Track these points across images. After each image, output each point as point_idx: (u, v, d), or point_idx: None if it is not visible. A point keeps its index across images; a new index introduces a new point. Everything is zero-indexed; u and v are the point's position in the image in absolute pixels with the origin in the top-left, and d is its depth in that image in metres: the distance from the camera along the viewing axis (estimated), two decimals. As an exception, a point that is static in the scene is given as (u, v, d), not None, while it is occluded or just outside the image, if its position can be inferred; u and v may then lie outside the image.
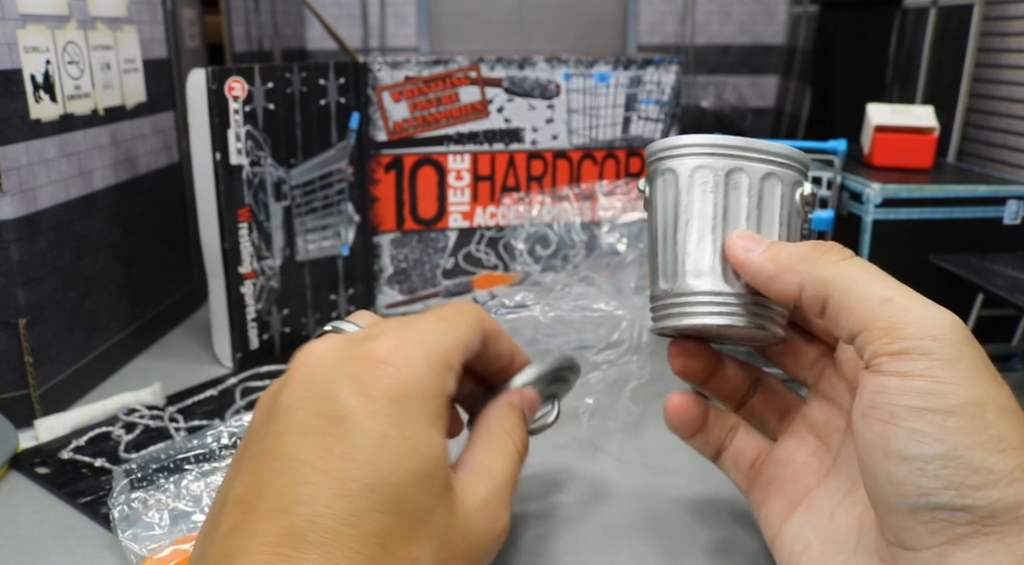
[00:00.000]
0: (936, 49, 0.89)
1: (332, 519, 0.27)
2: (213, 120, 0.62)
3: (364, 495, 0.28)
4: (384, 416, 0.30)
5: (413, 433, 0.30)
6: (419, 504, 0.29)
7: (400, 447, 0.29)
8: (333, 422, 0.29)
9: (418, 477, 0.29)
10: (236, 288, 0.66)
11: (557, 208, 0.77)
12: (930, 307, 0.31)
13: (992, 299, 0.58)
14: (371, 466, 0.28)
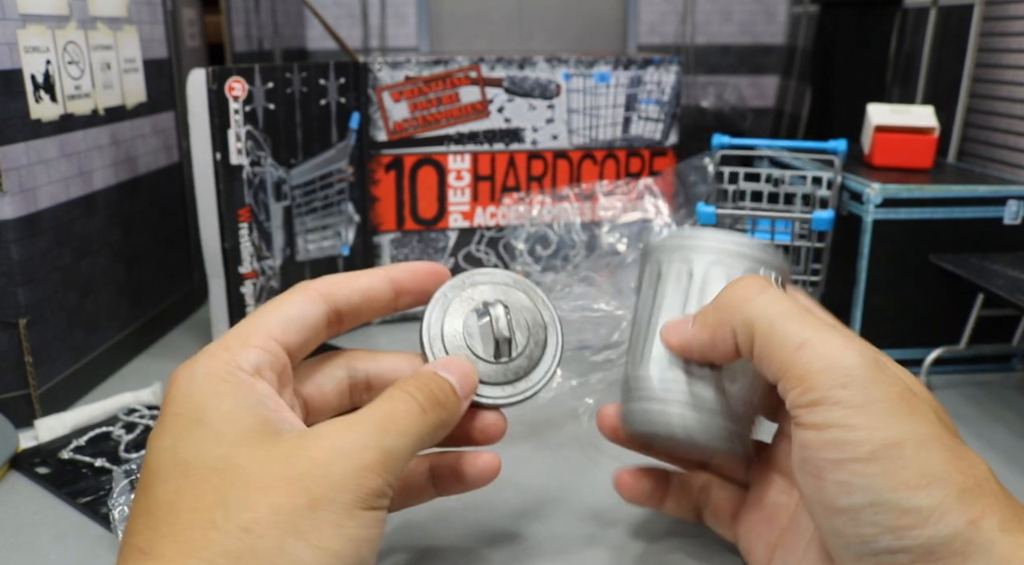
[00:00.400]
0: (936, 49, 0.89)
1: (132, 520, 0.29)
2: (213, 120, 0.62)
3: (149, 484, 0.29)
4: (164, 418, 0.31)
5: (190, 411, 0.30)
6: (206, 457, 0.29)
7: (176, 426, 0.30)
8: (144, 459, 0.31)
9: (198, 438, 0.29)
10: (236, 288, 0.66)
11: (557, 208, 0.77)
12: (842, 349, 0.31)
13: (992, 299, 0.58)
14: (152, 456, 0.30)
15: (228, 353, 0.32)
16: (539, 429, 0.56)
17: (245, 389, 0.31)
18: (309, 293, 0.36)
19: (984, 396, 0.62)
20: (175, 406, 0.31)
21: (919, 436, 0.29)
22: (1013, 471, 0.52)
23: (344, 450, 0.30)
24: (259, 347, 0.33)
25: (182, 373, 0.32)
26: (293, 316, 0.35)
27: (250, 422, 0.30)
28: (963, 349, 0.63)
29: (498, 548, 0.44)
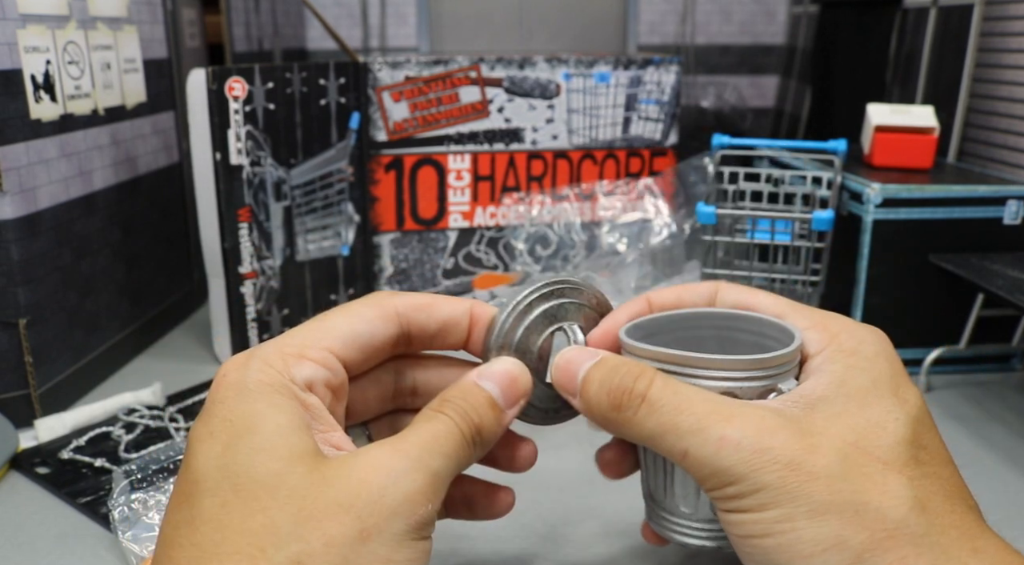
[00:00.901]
0: (936, 49, 0.89)
1: (172, 527, 0.28)
2: (213, 120, 0.62)
3: (194, 492, 0.28)
4: (212, 419, 0.30)
5: (242, 419, 0.29)
6: (257, 473, 0.28)
7: (226, 434, 0.29)
8: (184, 458, 0.30)
9: (250, 450, 0.28)
10: (236, 288, 0.66)
11: (557, 208, 0.77)
12: (715, 451, 0.30)
13: (992, 299, 0.58)
14: (198, 462, 0.29)
15: (283, 363, 0.31)
16: (539, 429, 0.56)
17: (296, 404, 0.30)
18: (386, 310, 0.34)
19: (984, 396, 0.62)
20: (226, 410, 0.30)
21: (812, 506, 0.29)
22: (1013, 471, 0.52)
23: (396, 473, 0.28)
24: (317, 361, 0.32)
25: (233, 374, 0.31)
26: (361, 332, 0.33)
27: (303, 441, 0.29)
28: (963, 349, 0.63)
29: (499, 549, 0.44)
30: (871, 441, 0.30)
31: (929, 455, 0.30)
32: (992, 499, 0.49)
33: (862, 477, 0.29)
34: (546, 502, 0.48)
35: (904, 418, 0.30)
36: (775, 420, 0.30)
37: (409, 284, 0.76)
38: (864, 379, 0.31)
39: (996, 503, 0.48)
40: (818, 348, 0.33)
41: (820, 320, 0.34)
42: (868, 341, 0.33)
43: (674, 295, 0.37)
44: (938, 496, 0.29)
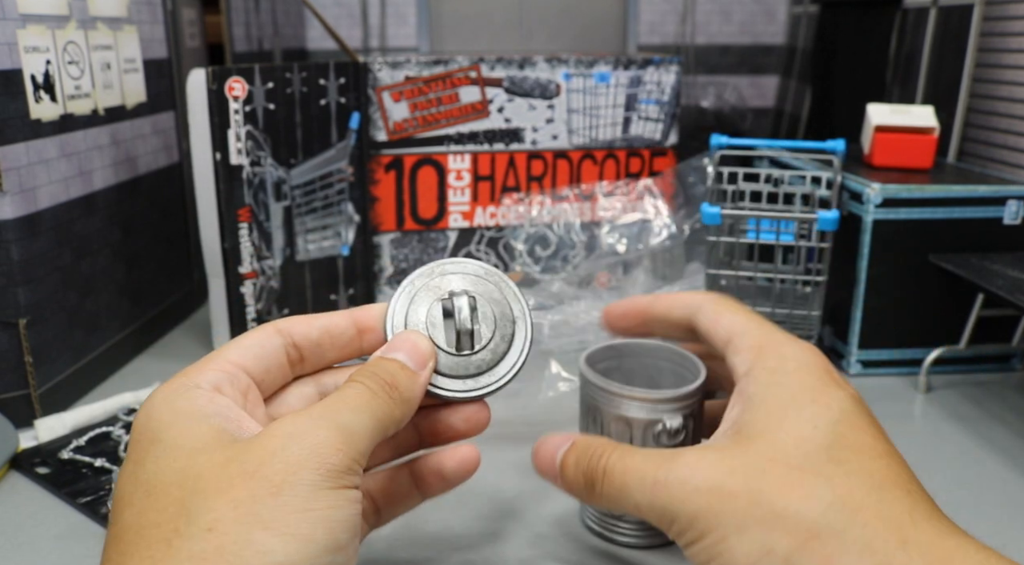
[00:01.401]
0: (936, 49, 0.89)
1: (103, 551, 0.29)
2: (213, 120, 0.62)
3: (115, 511, 0.29)
4: (130, 448, 0.31)
5: (146, 434, 0.31)
6: (165, 473, 0.29)
7: (136, 451, 0.30)
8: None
9: (156, 457, 0.29)
10: (236, 288, 0.66)
11: (557, 208, 0.77)
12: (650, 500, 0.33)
13: (992, 299, 0.58)
14: (117, 486, 0.30)
15: (185, 377, 0.33)
16: (540, 431, 0.56)
17: (202, 402, 0.31)
18: (266, 328, 0.36)
19: (984, 396, 0.62)
20: (136, 433, 0.31)
21: (737, 523, 0.30)
22: (1013, 471, 0.52)
23: (296, 433, 0.29)
24: (216, 369, 0.33)
25: (144, 404, 0.32)
26: (249, 344, 0.35)
27: (206, 432, 0.30)
28: (963, 349, 0.63)
29: (499, 549, 0.44)
30: (790, 451, 0.31)
31: (854, 453, 0.31)
32: (992, 499, 0.49)
33: (780, 486, 0.30)
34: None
35: (824, 424, 0.32)
36: (700, 455, 0.32)
37: (409, 284, 0.76)
38: (783, 394, 0.33)
39: (996, 503, 0.49)
40: (745, 369, 0.35)
41: (757, 341, 0.36)
42: (790, 356, 0.34)
43: (667, 304, 0.41)
44: (862, 490, 0.30)
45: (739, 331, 0.37)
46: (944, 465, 0.53)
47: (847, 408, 0.32)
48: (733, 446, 0.32)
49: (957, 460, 0.53)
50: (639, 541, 0.45)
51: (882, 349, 0.65)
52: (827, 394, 0.33)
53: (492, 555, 0.43)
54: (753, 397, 0.34)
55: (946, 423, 0.58)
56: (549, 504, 0.48)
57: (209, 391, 0.32)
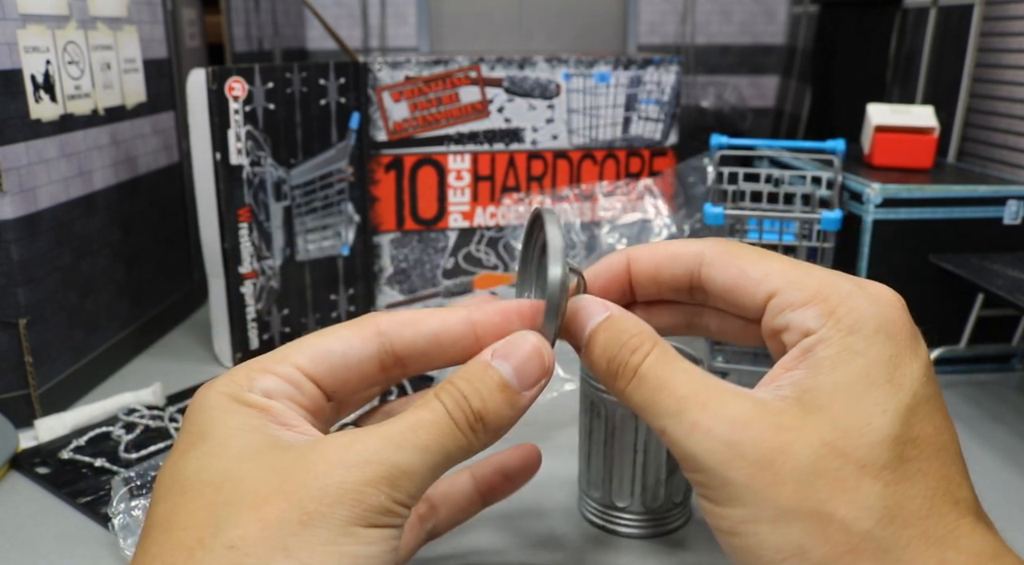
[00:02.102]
0: (936, 49, 0.89)
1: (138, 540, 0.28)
2: (213, 120, 0.62)
3: (152, 503, 0.28)
4: (176, 442, 0.30)
5: (197, 429, 0.29)
6: (207, 473, 0.28)
7: (184, 444, 0.29)
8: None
9: (200, 455, 0.28)
10: (236, 288, 0.66)
11: (557, 208, 0.77)
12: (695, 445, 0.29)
13: (992, 299, 0.58)
14: (159, 476, 0.29)
15: (246, 376, 0.30)
16: (541, 431, 0.56)
17: (252, 410, 0.29)
18: (364, 327, 0.32)
19: (984, 396, 0.62)
20: (188, 424, 0.30)
21: (776, 511, 0.27)
22: (1013, 471, 0.52)
23: (345, 463, 0.27)
24: (280, 376, 0.31)
25: (198, 394, 0.31)
26: (334, 350, 0.31)
27: (257, 439, 0.28)
28: (963, 349, 0.63)
29: (499, 544, 0.44)
30: (851, 440, 0.28)
31: (918, 448, 0.28)
32: (992, 499, 0.49)
33: (832, 483, 0.27)
34: (546, 502, 0.48)
35: (894, 410, 0.28)
36: (752, 411, 0.28)
37: (409, 284, 0.76)
38: (857, 366, 0.29)
39: (996, 503, 0.49)
40: (816, 325, 0.30)
41: (819, 291, 0.30)
42: (868, 315, 0.30)
43: (654, 263, 0.35)
44: (916, 500, 0.27)
45: (785, 281, 0.31)
46: (944, 465, 0.53)
47: (919, 390, 0.29)
48: (792, 413, 0.28)
49: (957, 460, 0.53)
50: (641, 532, 0.45)
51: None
52: (904, 368, 0.29)
53: (492, 549, 0.43)
54: (824, 361, 0.29)
55: (946, 423, 0.58)
56: (549, 499, 0.48)
57: (265, 398, 0.30)
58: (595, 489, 0.46)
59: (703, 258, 0.33)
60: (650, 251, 0.35)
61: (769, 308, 0.31)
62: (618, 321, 0.32)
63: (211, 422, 0.29)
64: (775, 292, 0.31)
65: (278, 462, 0.28)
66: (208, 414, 0.29)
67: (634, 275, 0.35)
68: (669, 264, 0.34)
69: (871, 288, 0.31)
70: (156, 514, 0.28)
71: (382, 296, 0.76)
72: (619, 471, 0.44)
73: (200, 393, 0.31)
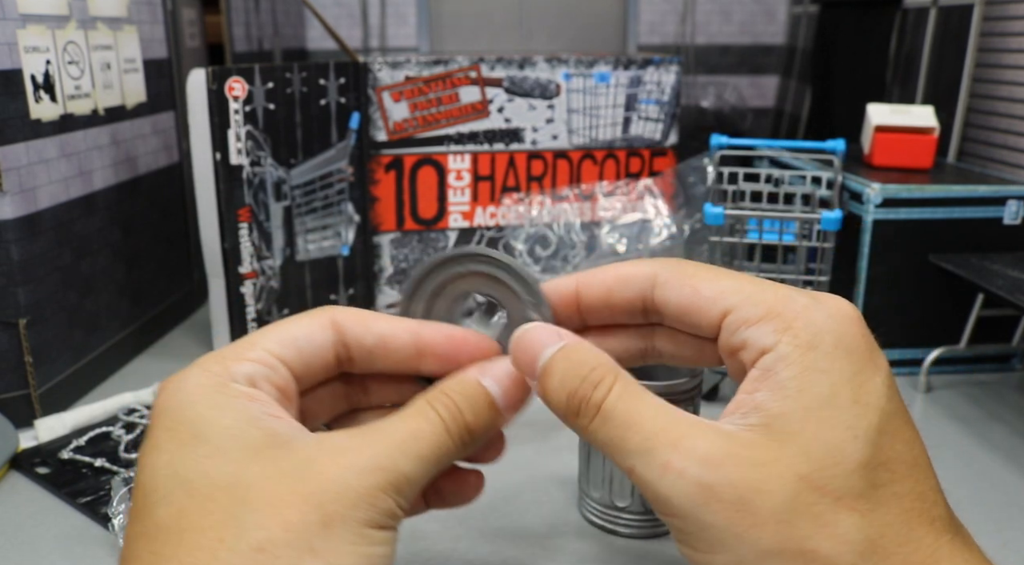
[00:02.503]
0: (936, 49, 0.89)
1: (128, 542, 0.27)
2: (213, 120, 0.62)
3: (146, 505, 0.28)
4: (155, 432, 0.29)
5: (185, 426, 0.29)
6: (212, 476, 0.27)
7: (171, 443, 0.28)
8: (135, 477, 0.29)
9: (199, 456, 0.28)
10: (236, 288, 0.66)
11: (557, 208, 0.77)
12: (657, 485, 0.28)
13: (992, 299, 0.58)
14: (146, 476, 0.28)
15: (221, 365, 0.30)
16: (540, 432, 0.56)
17: (243, 400, 0.29)
18: (321, 317, 0.33)
19: (984, 396, 0.62)
20: (167, 420, 0.29)
21: (758, 553, 0.27)
22: (1013, 471, 0.52)
23: (359, 468, 0.28)
24: (255, 360, 0.31)
25: (171, 385, 0.30)
26: (297, 336, 0.32)
27: (256, 436, 0.28)
28: (963, 349, 0.63)
29: (500, 545, 0.44)
30: (825, 471, 0.27)
31: (890, 471, 0.28)
32: (992, 499, 0.49)
33: (811, 519, 0.27)
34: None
35: (864, 433, 0.28)
36: (724, 447, 0.28)
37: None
38: (822, 388, 0.28)
39: (996, 503, 0.49)
40: (772, 341, 0.29)
41: (774, 306, 0.30)
42: (826, 330, 0.29)
43: (604, 288, 0.33)
44: (893, 526, 0.27)
45: (740, 298, 0.30)
46: (944, 465, 0.52)
47: (885, 407, 0.28)
48: (763, 446, 0.28)
49: (957, 460, 0.53)
50: (642, 532, 0.45)
51: (882, 349, 0.65)
52: (867, 384, 0.28)
53: (492, 549, 0.43)
54: (786, 384, 0.28)
55: (946, 423, 0.58)
56: (549, 501, 0.48)
57: (248, 387, 0.30)
58: (595, 489, 0.46)
59: (656, 280, 0.32)
60: (600, 276, 0.34)
61: (725, 326, 0.31)
62: (575, 351, 0.31)
63: (202, 421, 0.29)
64: (730, 309, 0.30)
65: (285, 462, 0.28)
66: (195, 411, 0.29)
67: (584, 301, 0.34)
68: (621, 288, 0.33)
69: (827, 302, 0.30)
70: (158, 516, 0.27)
71: (382, 296, 0.76)
72: (619, 471, 0.44)
73: (175, 387, 0.30)
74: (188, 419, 0.29)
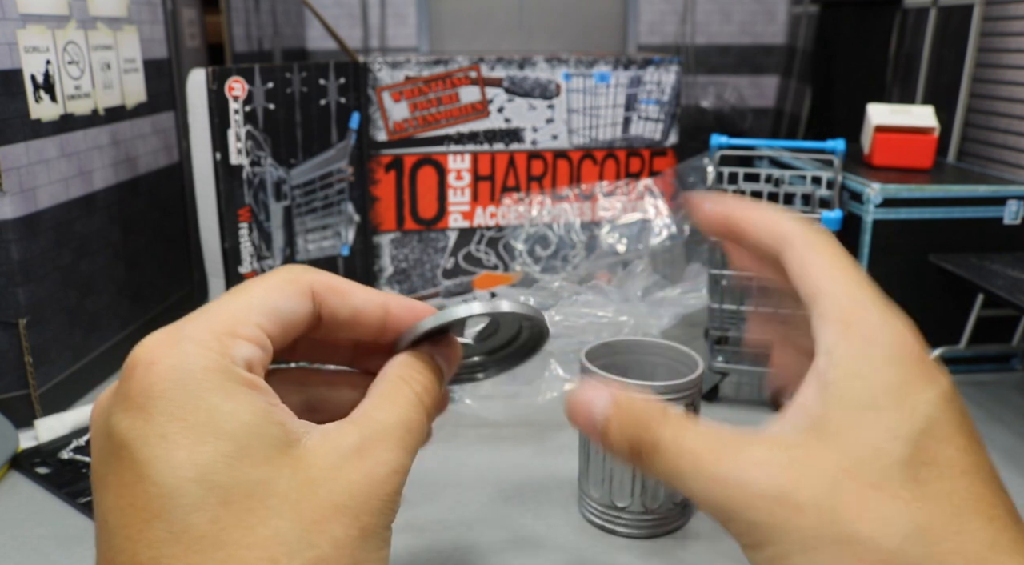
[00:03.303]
0: (936, 49, 0.89)
1: (148, 547, 0.26)
2: (213, 120, 0.62)
3: (171, 507, 0.26)
4: (157, 417, 0.27)
5: (200, 417, 0.27)
6: (243, 482, 0.26)
7: (187, 438, 0.26)
8: (116, 459, 0.27)
9: (225, 456, 0.26)
10: (236, 288, 0.66)
11: (557, 208, 0.77)
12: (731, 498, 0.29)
13: (992, 299, 0.58)
14: (162, 473, 0.26)
15: (219, 343, 0.28)
16: (540, 432, 0.56)
17: (252, 391, 0.28)
18: (302, 286, 0.32)
19: (984, 396, 0.62)
20: (172, 407, 0.27)
21: (803, 541, 0.28)
22: (1013, 471, 0.52)
23: (381, 476, 0.28)
24: (250, 339, 0.29)
25: (166, 360, 0.27)
26: (283, 309, 0.31)
27: (274, 433, 0.27)
28: (963, 349, 0.63)
29: (499, 550, 0.44)
30: (864, 466, 0.28)
31: (936, 470, 0.28)
32: (992, 499, 0.49)
33: (854, 505, 0.27)
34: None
35: (906, 435, 0.28)
36: (763, 452, 0.29)
37: (409, 284, 0.76)
38: (866, 391, 0.29)
39: (996, 503, 0.49)
40: (827, 344, 0.31)
41: (843, 310, 0.31)
42: (879, 339, 0.30)
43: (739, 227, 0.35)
44: (943, 517, 0.27)
45: (828, 290, 0.32)
46: (944, 465, 0.53)
47: (933, 414, 0.29)
48: (804, 445, 0.29)
49: (957, 460, 0.53)
50: (642, 532, 0.45)
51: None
52: (914, 395, 0.29)
53: (492, 548, 0.43)
54: (832, 386, 0.29)
55: (946, 423, 0.58)
56: (549, 501, 0.48)
57: (248, 372, 0.28)
58: (595, 489, 0.46)
59: (788, 242, 0.34)
60: (753, 211, 0.35)
61: (811, 312, 0.32)
62: (625, 403, 0.33)
63: (219, 415, 0.27)
64: (816, 297, 0.32)
65: (310, 467, 0.28)
66: (207, 401, 0.27)
67: (738, 228, 0.35)
68: (764, 234, 0.34)
69: (895, 320, 0.31)
70: (192, 523, 0.26)
71: (382, 296, 0.76)
72: (619, 471, 0.44)
73: (170, 360, 0.27)
74: (202, 410, 0.27)
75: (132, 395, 0.27)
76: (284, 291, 0.31)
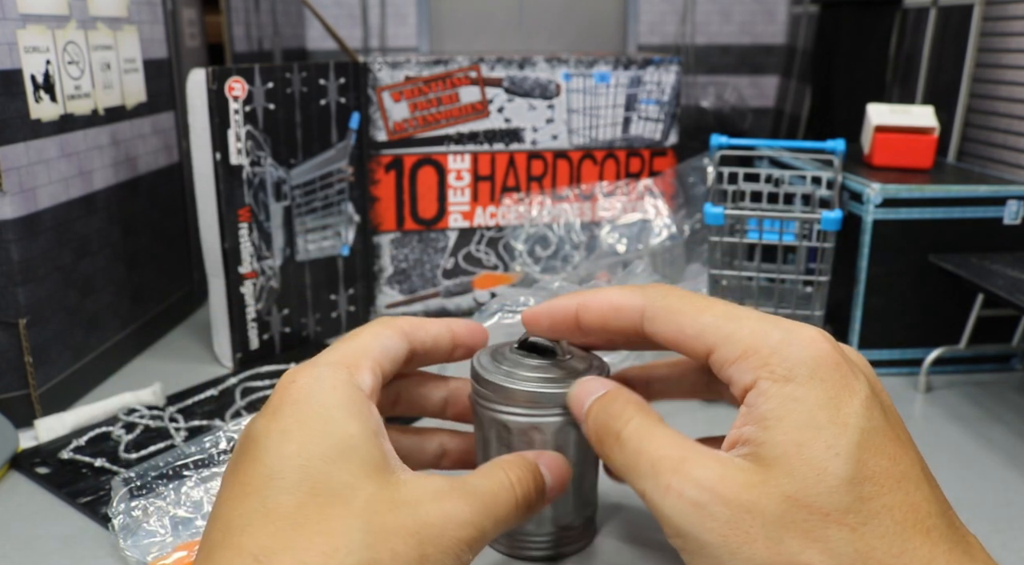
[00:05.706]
0: (936, 49, 0.89)
1: (241, 515, 0.29)
2: (213, 120, 0.62)
3: (269, 485, 0.30)
4: (284, 418, 0.31)
5: (318, 422, 0.31)
6: (334, 481, 0.30)
7: (301, 435, 0.31)
8: (243, 449, 0.32)
9: (327, 457, 0.30)
10: (236, 288, 0.66)
11: (557, 208, 0.77)
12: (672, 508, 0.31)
13: (992, 299, 0.58)
14: (272, 458, 0.30)
15: (347, 370, 0.33)
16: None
17: (367, 412, 0.32)
18: (396, 329, 0.37)
19: (984, 396, 0.62)
20: (299, 411, 0.31)
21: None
22: (1013, 471, 0.52)
23: (458, 521, 0.31)
24: (371, 371, 0.34)
25: (303, 379, 0.33)
26: (390, 348, 0.36)
27: (374, 455, 0.31)
28: (963, 349, 0.63)
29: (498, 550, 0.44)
30: (811, 489, 0.28)
31: (877, 485, 0.29)
32: (992, 499, 0.49)
33: (801, 534, 0.28)
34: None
35: (845, 450, 0.29)
36: (718, 472, 0.30)
37: (409, 284, 0.76)
38: (800, 413, 0.30)
39: (996, 503, 0.49)
40: (752, 378, 0.31)
41: (751, 345, 0.32)
42: (799, 361, 0.31)
43: (600, 315, 0.37)
44: (886, 538, 0.28)
45: (720, 336, 0.32)
46: (944, 465, 0.53)
47: (864, 425, 0.29)
48: (751, 470, 0.30)
49: (957, 460, 0.53)
50: (552, 552, 0.43)
51: (882, 349, 0.65)
52: (844, 407, 0.30)
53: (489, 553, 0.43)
54: (767, 416, 0.30)
55: (946, 423, 0.58)
56: (549, 504, 0.48)
57: (370, 399, 0.33)
58: None
59: (644, 313, 0.35)
60: (597, 302, 0.37)
61: (711, 364, 0.33)
62: (610, 395, 0.35)
63: (334, 423, 0.31)
64: (712, 349, 0.33)
65: (398, 494, 0.31)
66: (328, 411, 0.32)
67: (585, 324, 0.37)
68: (615, 317, 0.36)
69: (800, 334, 0.32)
70: (280, 502, 0.29)
71: (382, 296, 0.76)
72: None
73: (306, 379, 0.33)
74: (321, 416, 0.31)
75: (272, 404, 0.32)
76: (386, 335, 0.36)
